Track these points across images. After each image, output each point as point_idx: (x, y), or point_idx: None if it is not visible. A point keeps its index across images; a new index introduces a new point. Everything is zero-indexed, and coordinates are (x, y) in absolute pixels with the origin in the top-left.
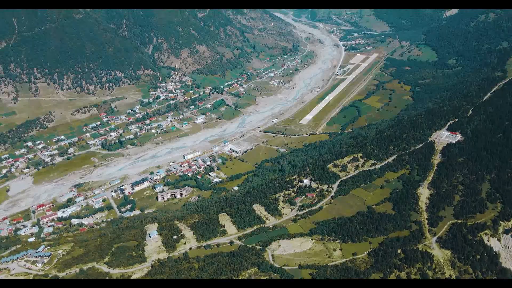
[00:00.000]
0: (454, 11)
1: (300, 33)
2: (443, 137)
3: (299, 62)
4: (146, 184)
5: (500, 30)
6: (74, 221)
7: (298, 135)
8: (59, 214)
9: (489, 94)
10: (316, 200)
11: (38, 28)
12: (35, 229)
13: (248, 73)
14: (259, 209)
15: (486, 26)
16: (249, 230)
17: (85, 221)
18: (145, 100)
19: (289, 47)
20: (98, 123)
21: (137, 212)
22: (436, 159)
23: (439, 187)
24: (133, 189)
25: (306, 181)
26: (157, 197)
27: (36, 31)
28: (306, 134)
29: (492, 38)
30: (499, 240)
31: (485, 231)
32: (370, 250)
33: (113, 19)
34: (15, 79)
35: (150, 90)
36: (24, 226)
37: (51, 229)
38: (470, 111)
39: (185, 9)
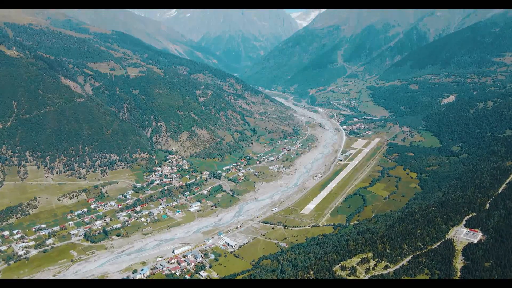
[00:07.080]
0: (451, 98)
1: (301, 117)
2: (461, 235)
3: (299, 146)
4: None
5: (501, 117)
6: None
7: (299, 227)
8: None
9: (503, 185)
10: None
11: (37, 111)
12: None
13: (248, 157)
14: None
15: (486, 114)
16: None
17: None
18: (138, 185)
19: (289, 131)
20: (85, 209)
21: None
22: (459, 263)
23: None
24: None
25: None
26: None
27: (35, 114)
28: (308, 226)
29: (494, 125)
30: None
31: None
32: None
33: (114, 102)
34: (4, 162)
35: (145, 174)
36: None
37: None
38: (487, 205)
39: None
